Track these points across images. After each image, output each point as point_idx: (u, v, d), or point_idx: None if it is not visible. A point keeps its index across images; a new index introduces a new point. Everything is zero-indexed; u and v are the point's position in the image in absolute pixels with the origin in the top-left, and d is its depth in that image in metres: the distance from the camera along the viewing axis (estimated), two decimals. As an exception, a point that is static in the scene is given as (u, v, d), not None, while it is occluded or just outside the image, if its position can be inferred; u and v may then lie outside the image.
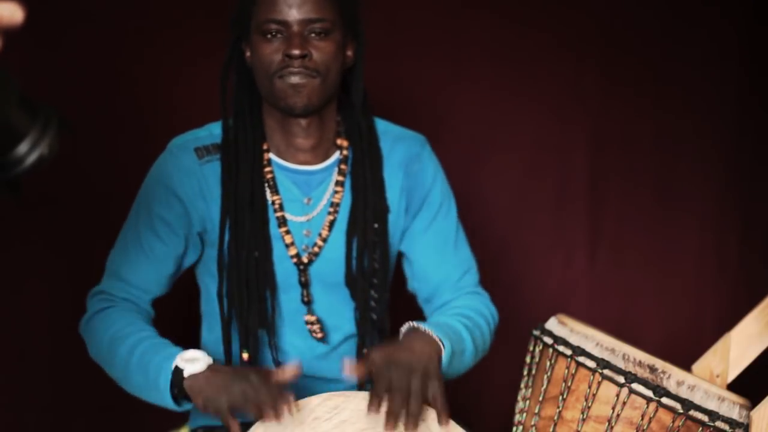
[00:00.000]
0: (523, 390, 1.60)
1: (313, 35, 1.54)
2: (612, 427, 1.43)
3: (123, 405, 1.64)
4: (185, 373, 1.42)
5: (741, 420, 1.44)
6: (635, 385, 1.42)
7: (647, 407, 1.41)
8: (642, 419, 1.42)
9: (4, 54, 0.77)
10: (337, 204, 1.64)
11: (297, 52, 1.52)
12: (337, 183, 1.64)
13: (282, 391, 1.37)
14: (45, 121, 0.89)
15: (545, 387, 1.52)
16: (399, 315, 1.70)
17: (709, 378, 1.75)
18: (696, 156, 2.44)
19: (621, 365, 1.44)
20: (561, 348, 1.50)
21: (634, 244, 2.46)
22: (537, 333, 1.58)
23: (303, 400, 1.40)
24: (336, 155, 1.66)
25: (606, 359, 1.44)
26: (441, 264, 1.72)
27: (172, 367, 1.43)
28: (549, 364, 1.52)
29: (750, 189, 2.46)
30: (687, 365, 1.76)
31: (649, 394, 1.41)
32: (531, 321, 1.64)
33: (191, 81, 2.16)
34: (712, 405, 1.42)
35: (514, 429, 1.59)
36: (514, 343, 1.76)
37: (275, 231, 1.61)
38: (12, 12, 0.77)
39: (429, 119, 2.27)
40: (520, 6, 2.35)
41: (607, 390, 1.44)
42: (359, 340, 1.66)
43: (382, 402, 1.37)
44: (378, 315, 1.65)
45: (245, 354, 1.61)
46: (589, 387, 1.45)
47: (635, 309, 2.46)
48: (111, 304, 1.59)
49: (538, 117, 2.39)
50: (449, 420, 1.40)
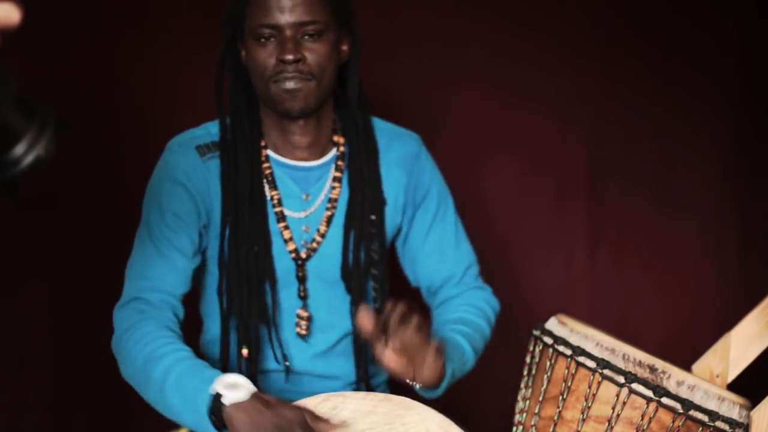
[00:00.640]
0: (523, 390, 1.60)
1: (307, 38, 1.53)
2: (612, 427, 1.43)
3: (123, 405, 1.64)
4: (226, 401, 1.34)
5: (741, 420, 1.43)
6: (635, 385, 1.42)
7: (647, 407, 1.41)
8: (642, 419, 1.41)
9: (1, 54, 0.77)
10: (335, 200, 1.65)
11: (290, 57, 1.52)
12: (335, 179, 1.65)
13: None
14: (42, 122, 0.89)
15: (545, 387, 1.52)
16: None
17: (709, 378, 1.75)
18: (696, 156, 2.43)
19: (621, 365, 1.44)
20: (561, 348, 1.50)
21: (634, 244, 2.46)
22: (537, 333, 1.58)
23: (302, 400, 1.40)
24: (333, 152, 1.67)
25: (606, 359, 1.44)
26: (443, 263, 1.75)
27: (211, 392, 1.36)
28: (549, 364, 1.52)
29: (750, 189, 2.45)
30: (687, 365, 1.76)
31: (649, 394, 1.41)
32: (531, 321, 1.64)
33: (191, 81, 2.15)
34: (712, 405, 1.42)
35: (514, 429, 1.59)
36: (514, 343, 1.76)
37: (274, 227, 1.62)
38: (8, 12, 0.77)
39: (429, 119, 2.27)
40: (520, 6, 2.35)
41: (607, 390, 1.44)
42: (354, 334, 1.66)
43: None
44: (378, 307, 1.65)
45: (245, 350, 1.60)
46: (589, 387, 1.45)
47: (635, 309, 2.46)
48: (141, 317, 1.51)
49: (538, 117, 2.39)
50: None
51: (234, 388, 1.35)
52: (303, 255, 1.63)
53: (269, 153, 1.64)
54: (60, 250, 2.17)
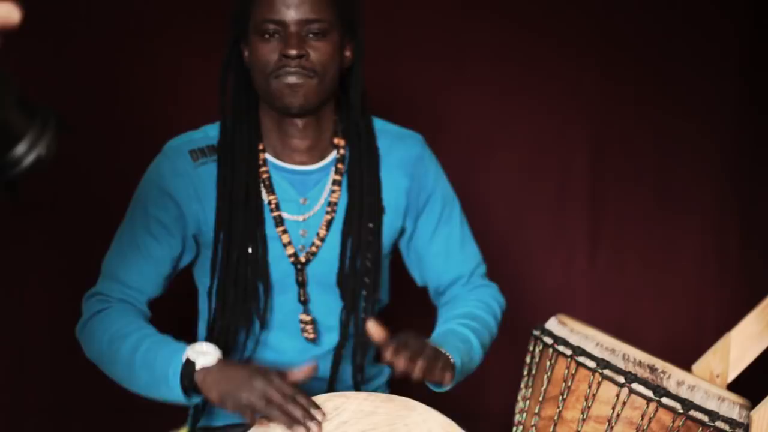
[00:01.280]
0: (523, 390, 1.60)
1: (311, 36, 1.54)
2: (612, 427, 1.43)
3: (123, 405, 1.64)
4: (197, 366, 1.41)
5: (741, 420, 1.43)
6: (635, 385, 1.42)
7: (647, 407, 1.41)
8: (642, 419, 1.41)
9: (1, 54, 0.77)
10: (335, 203, 1.64)
11: (294, 52, 1.52)
12: (334, 182, 1.64)
13: (311, 399, 1.37)
14: (43, 122, 0.89)
15: (545, 387, 1.52)
16: (399, 316, 1.70)
17: (709, 378, 1.75)
18: (696, 156, 2.43)
19: (621, 365, 1.44)
20: (561, 348, 1.50)
21: (634, 244, 2.46)
22: (537, 333, 1.58)
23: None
24: (333, 155, 1.66)
25: (606, 359, 1.44)
26: (450, 264, 1.74)
27: (182, 359, 1.42)
28: (549, 364, 1.52)
29: (750, 189, 2.45)
30: (687, 365, 1.76)
31: (649, 394, 1.41)
32: (531, 321, 1.64)
33: (191, 81, 2.16)
34: (712, 405, 1.42)
35: (514, 429, 1.59)
36: (514, 343, 1.76)
37: (272, 231, 1.61)
38: (8, 12, 0.77)
39: (429, 119, 2.27)
40: (520, 6, 2.35)
41: (607, 390, 1.44)
42: (341, 339, 1.65)
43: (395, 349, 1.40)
44: (367, 315, 1.63)
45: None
46: (589, 387, 1.45)
47: (635, 309, 2.46)
48: (108, 305, 1.58)
49: (538, 117, 2.39)
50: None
51: (205, 354, 1.42)
52: (302, 259, 1.63)
53: (267, 157, 1.63)
54: (60, 250, 2.17)
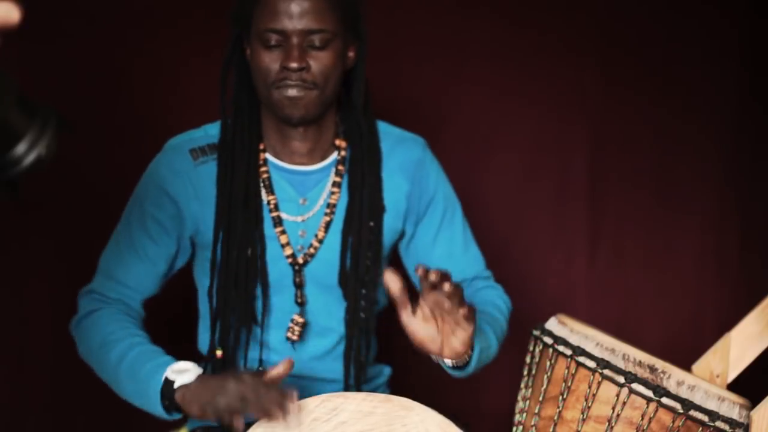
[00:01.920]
0: (523, 390, 1.60)
1: (313, 46, 1.52)
2: (612, 427, 1.43)
3: (123, 405, 1.63)
4: (176, 385, 1.42)
5: (741, 420, 1.43)
6: (635, 385, 1.42)
7: (647, 407, 1.41)
8: (642, 419, 1.41)
9: (1, 54, 0.77)
10: (334, 205, 1.63)
11: (295, 65, 1.51)
12: (334, 184, 1.64)
13: (282, 390, 1.37)
14: (43, 121, 0.89)
15: (545, 387, 1.52)
16: (398, 318, 1.69)
17: (709, 378, 1.75)
18: (696, 156, 2.43)
19: (621, 365, 1.44)
20: (561, 348, 1.50)
21: (634, 244, 2.46)
22: (537, 333, 1.58)
23: (302, 401, 1.40)
24: (333, 156, 1.66)
25: (606, 359, 1.44)
26: (453, 267, 1.71)
27: (162, 379, 1.43)
28: (549, 364, 1.52)
29: (750, 189, 2.45)
30: (687, 365, 1.76)
31: (649, 394, 1.41)
32: (531, 321, 1.64)
33: (191, 80, 2.16)
34: (712, 405, 1.42)
35: (514, 429, 1.59)
36: (514, 343, 1.76)
37: (270, 231, 1.61)
38: (8, 12, 0.77)
39: (429, 119, 2.27)
40: (520, 6, 2.35)
41: (607, 390, 1.44)
42: (347, 340, 1.65)
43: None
44: (366, 314, 1.64)
45: (219, 351, 1.61)
46: (589, 387, 1.45)
47: (635, 309, 2.46)
48: (102, 305, 1.59)
49: (538, 117, 2.39)
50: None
51: (183, 373, 1.42)
52: (300, 260, 1.62)
53: (267, 156, 1.63)
54: (60, 249, 2.17)
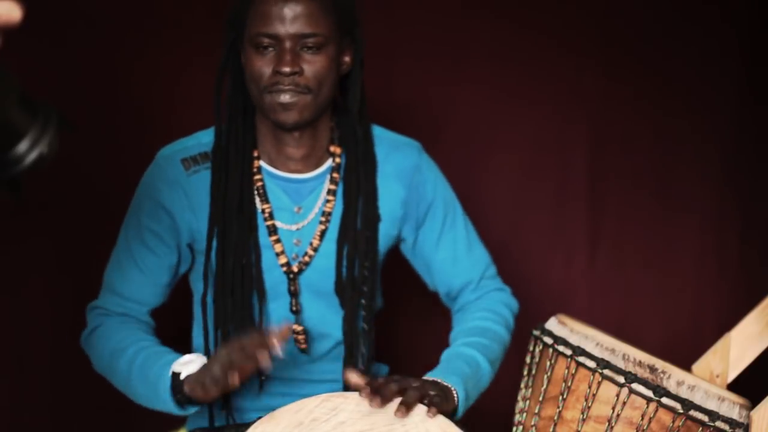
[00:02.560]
0: (523, 390, 1.60)
1: (306, 50, 1.51)
2: (612, 427, 1.43)
3: (123, 405, 1.63)
4: (182, 376, 1.43)
5: (741, 420, 1.43)
6: (635, 385, 1.42)
7: (647, 407, 1.41)
8: (642, 419, 1.41)
9: (3, 53, 0.77)
10: (329, 213, 1.62)
11: (287, 69, 1.49)
12: (329, 192, 1.63)
13: (262, 331, 1.40)
14: (45, 120, 0.89)
15: (545, 387, 1.52)
16: (398, 319, 1.70)
17: (709, 378, 1.75)
18: (696, 156, 2.43)
19: (621, 365, 1.44)
20: (561, 348, 1.50)
21: (634, 244, 2.46)
22: (537, 333, 1.58)
23: (301, 401, 1.40)
24: (328, 163, 1.64)
25: (606, 359, 1.44)
26: (458, 269, 1.73)
27: (170, 374, 1.44)
28: (549, 364, 1.52)
29: (750, 189, 2.45)
30: (687, 365, 1.76)
31: (649, 394, 1.41)
32: (531, 321, 1.64)
33: (191, 81, 2.15)
34: (712, 405, 1.42)
35: (514, 429, 1.59)
36: (514, 343, 1.76)
37: (265, 239, 1.60)
38: (10, 10, 0.77)
39: (428, 120, 2.27)
40: (520, 6, 2.35)
41: (607, 390, 1.44)
42: (346, 349, 1.64)
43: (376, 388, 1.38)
44: (365, 323, 1.64)
45: None
46: (589, 387, 1.45)
47: (635, 309, 2.46)
48: (106, 320, 1.60)
49: (538, 117, 2.39)
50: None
51: (188, 364, 1.45)
52: (295, 268, 1.62)
53: (262, 164, 1.62)
54: (60, 249, 2.17)
